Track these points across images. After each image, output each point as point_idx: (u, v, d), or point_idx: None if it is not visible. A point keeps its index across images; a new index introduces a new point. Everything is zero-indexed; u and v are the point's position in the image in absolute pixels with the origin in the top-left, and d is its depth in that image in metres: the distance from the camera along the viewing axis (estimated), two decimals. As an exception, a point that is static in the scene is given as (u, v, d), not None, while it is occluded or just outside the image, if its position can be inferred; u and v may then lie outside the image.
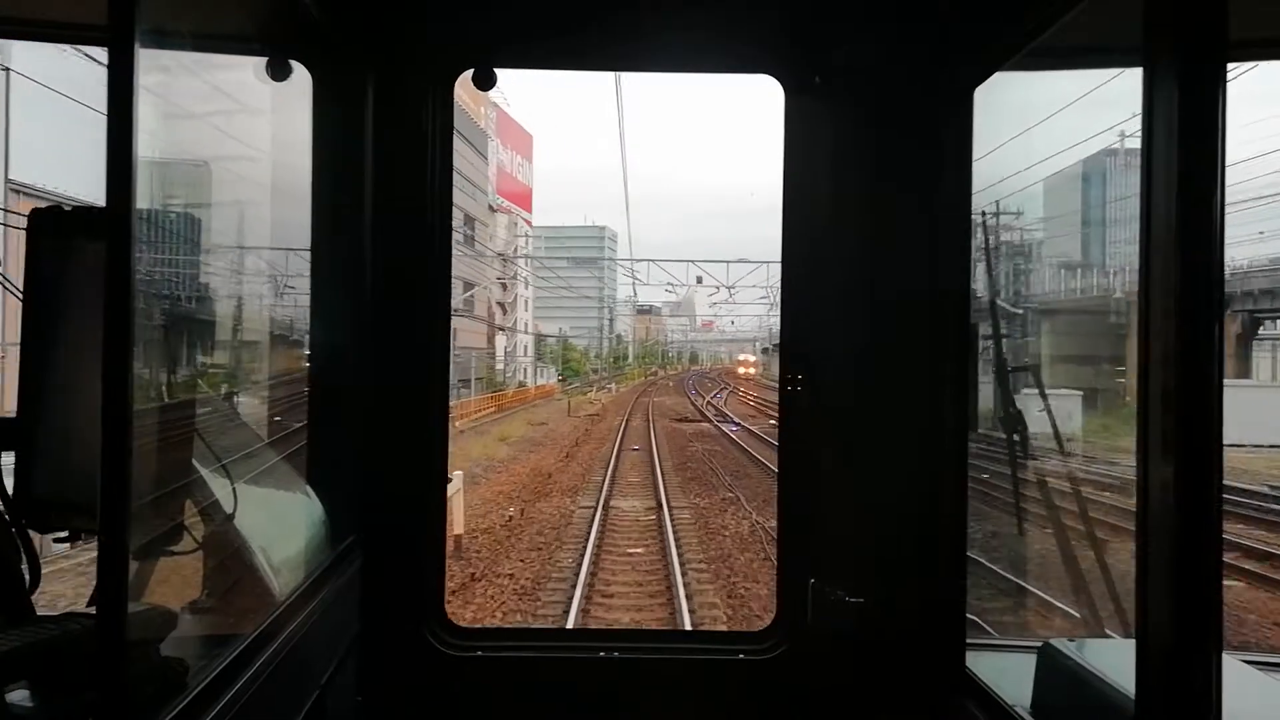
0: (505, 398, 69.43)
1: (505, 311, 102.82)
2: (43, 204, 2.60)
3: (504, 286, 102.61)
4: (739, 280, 74.86)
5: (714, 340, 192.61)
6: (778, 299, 3.80)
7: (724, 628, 13.21)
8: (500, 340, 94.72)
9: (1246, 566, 15.32)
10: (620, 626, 13.17)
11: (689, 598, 14.51)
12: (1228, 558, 14.72)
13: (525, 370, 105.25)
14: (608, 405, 66.26)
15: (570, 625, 13.32)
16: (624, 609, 14.44)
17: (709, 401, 68.53)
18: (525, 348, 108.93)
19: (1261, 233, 41.18)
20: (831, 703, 3.44)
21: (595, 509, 21.92)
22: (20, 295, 2.55)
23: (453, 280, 3.79)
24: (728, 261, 73.17)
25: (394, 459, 3.53)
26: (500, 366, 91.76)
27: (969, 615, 3.22)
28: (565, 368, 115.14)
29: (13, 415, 2.51)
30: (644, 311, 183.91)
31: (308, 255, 3.54)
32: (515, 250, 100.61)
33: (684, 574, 15.97)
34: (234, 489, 2.84)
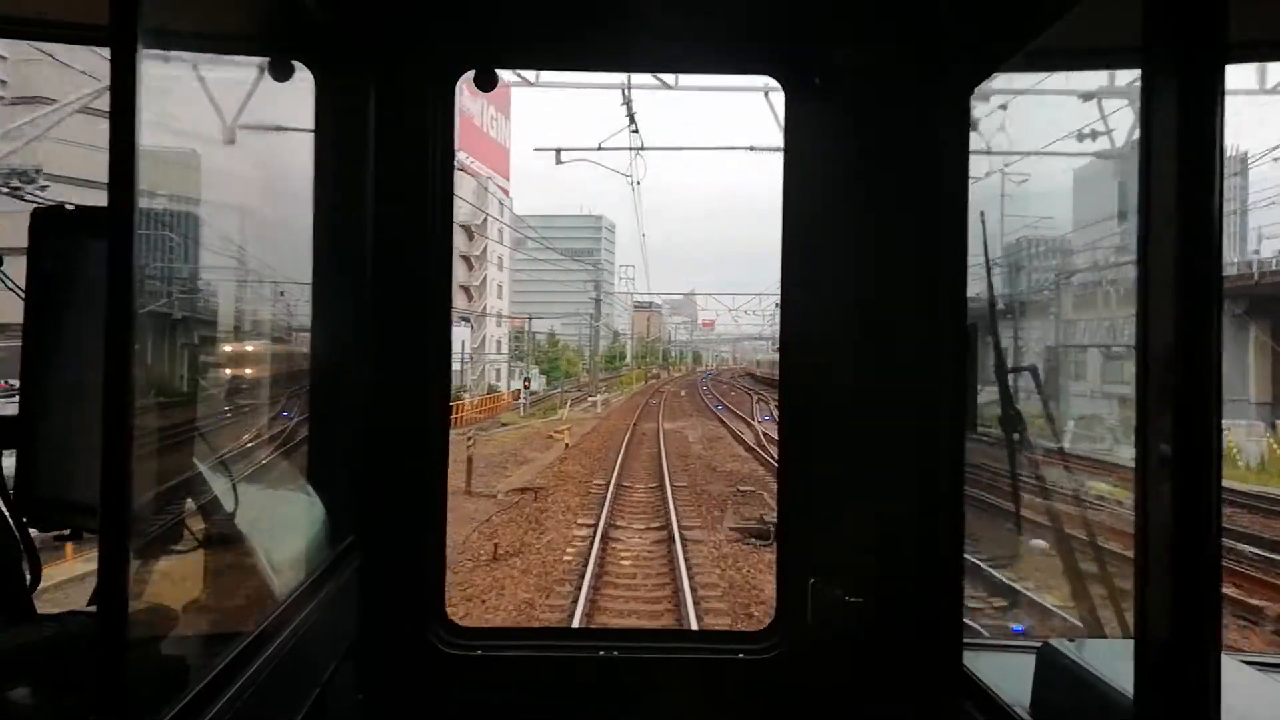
0: (461, 410, 49.87)
1: (471, 297, 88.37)
2: None
3: (469, 265, 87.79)
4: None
5: (715, 340, 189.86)
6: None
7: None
8: (461, 332, 72.40)
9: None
10: (620, 626, 13.18)
11: None
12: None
13: (498, 372, 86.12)
14: (573, 452, 34.19)
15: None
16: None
17: (764, 432, 39.13)
18: (498, 343, 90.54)
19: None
20: (830, 702, 3.44)
21: None
22: (22, 294, 2.55)
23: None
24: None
25: (394, 458, 3.53)
26: (459, 368, 67.89)
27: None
28: (553, 368, 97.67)
29: (14, 414, 2.52)
30: (642, 308, 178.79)
31: (308, 254, 3.54)
32: (485, 222, 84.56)
33: None
34: (234, 488, 2.85)
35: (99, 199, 1.94)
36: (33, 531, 2.56)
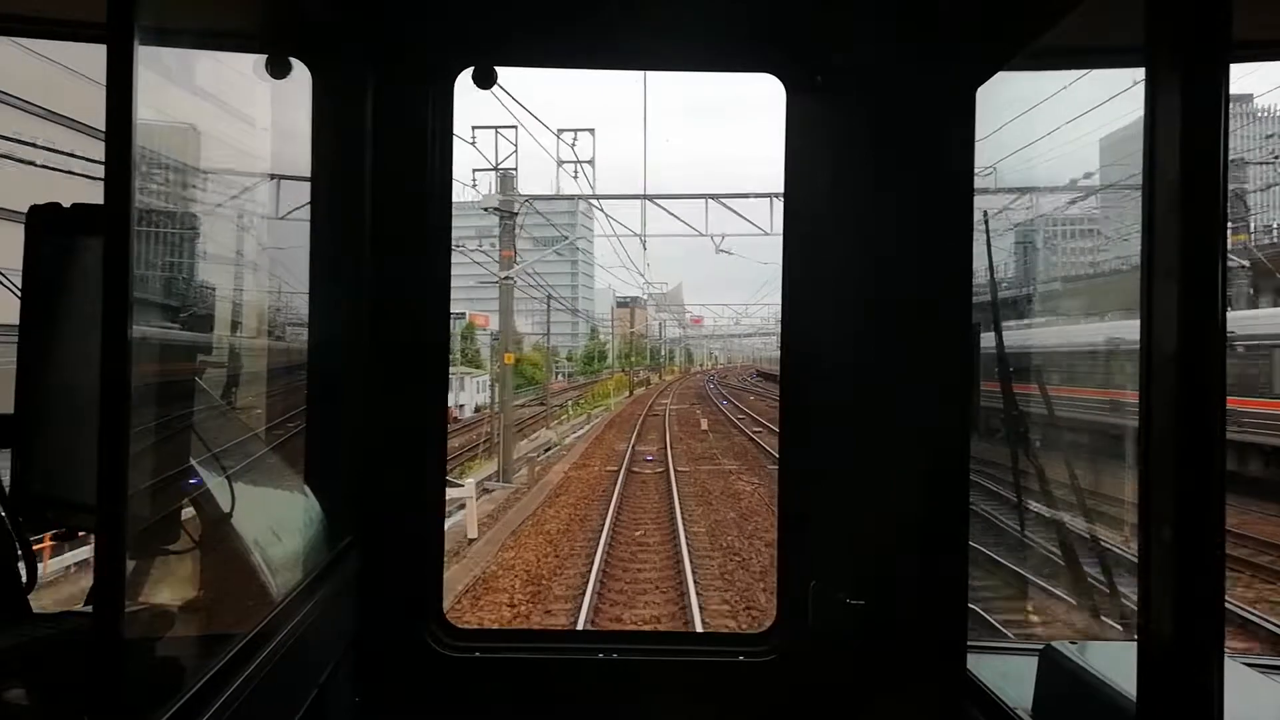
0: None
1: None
2: None
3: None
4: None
5: (706, 337, 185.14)
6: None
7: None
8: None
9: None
10: (620, 629, 13.17)
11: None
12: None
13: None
14: None
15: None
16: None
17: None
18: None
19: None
20: (832, 705, 3.42)
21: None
22: (18, 292, 2.54)
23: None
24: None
25: (392, 458, 3.52)
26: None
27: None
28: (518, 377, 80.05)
29: (10, 412, 2.50)
30: (624, 304, 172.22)
31: (307, 253, 3.53)
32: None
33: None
34: (231, 488, 2.83)
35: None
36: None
